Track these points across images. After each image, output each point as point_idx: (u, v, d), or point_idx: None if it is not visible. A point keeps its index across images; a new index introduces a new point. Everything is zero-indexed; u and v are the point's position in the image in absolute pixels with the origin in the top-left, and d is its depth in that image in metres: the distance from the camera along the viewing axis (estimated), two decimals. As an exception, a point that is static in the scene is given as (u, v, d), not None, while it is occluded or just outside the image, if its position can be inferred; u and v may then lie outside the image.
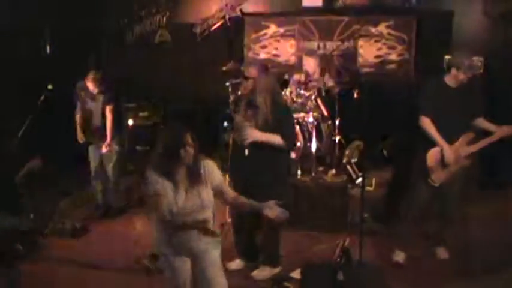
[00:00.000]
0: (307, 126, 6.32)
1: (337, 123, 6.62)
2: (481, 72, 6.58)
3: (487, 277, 4.64)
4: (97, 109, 6.12)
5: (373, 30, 7.53)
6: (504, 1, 6.88)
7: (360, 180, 5.84)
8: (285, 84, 6.70)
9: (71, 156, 6.67)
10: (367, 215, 5.55)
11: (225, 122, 6.99)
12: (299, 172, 6.14)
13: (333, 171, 6.23)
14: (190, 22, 8.17)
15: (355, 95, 6.68)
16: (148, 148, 7.26)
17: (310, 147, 6.27)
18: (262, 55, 8.02)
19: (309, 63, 6.96)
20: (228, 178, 4.69)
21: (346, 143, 6.68)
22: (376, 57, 7.59)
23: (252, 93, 4.58)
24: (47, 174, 5.93)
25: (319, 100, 6.64)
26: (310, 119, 6.33)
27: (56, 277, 4.91)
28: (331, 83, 6.85)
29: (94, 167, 6.29)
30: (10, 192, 5.56)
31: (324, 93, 6.74)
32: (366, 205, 4.86)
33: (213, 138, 7.16)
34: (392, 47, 7.52)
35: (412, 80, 7.36)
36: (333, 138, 6.64)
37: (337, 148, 6.62)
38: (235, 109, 4.80)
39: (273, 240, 4.87)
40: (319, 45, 7.74)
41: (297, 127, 6.01)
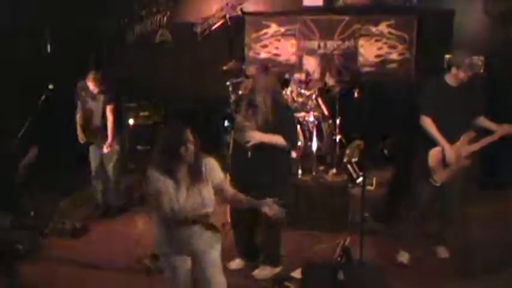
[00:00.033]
0: (308, 126, 6.32)
1: (338, 122, 6.61)
2: (482, 72, 6.57)
3: (487, 277, 4.63)
4: (98, 109, 6.12)
5: (373, 30, 7.51)
6: (505, 0, 6.87)
7: (361, 179, 5.84)
8: (285, 84, 6.68)
9: (71, 156, 6.68)
10: (367, 214, 5.55)
11: (225, 121, 6.99)
12: (300, 171, 6.14)
13: (334, 171, 6.23)
14: (190, 21, 8.14)
15: (356, 95, 6.66)
16: (148, 147, 7.25)
17: (311, 146, 6.27)
18: (263, 54, 8.00)
19: (310, 63, 6.94)
20: (228, 177, 4.69)
21: (347, 143, 6.67)
22: (377, 57, 7.58)
23: (252, 93, 4.58)
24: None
25: (319, 99, 6.63)
26: (311, 119, 6.33)
27: (56, 277, 4.91)
28: (331, 82, 6.83)
29: (94, 166, 6.29)
30: (10, 192, 5.58)
31: (324, 92, 6.73)
32: (367, 204, 4.86)
33: (214, 137, 7.15)
34: (393, 46, 7.50)
35: (413, 79, 7.34)
36: (334, 137, 6.63)
37: (337, 147, 6.61)
38: (236, 109, 4.79)
39: (273, 240, 4.87)
40: (319, 45, 7.72)
41: (298, 126, 6.01)
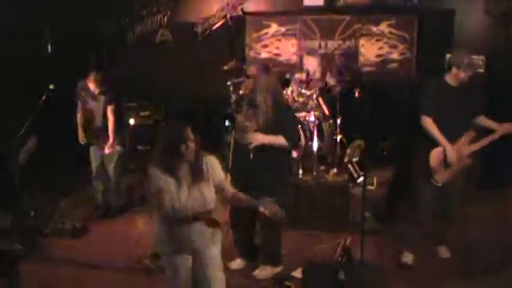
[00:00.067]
0: (309, 126, 6.32)
1: (339, 122, 6.61)
2: (483, 71, 6.56)
3: (487, 277, 4.63)
4: (98, 109, 6.12)
5: (374, 29, 7.50)
6: (506, 0, 6.86)
7: (362, 179, 5.81)
8: (286, 84, 6.68)
9: (71, 156, 6.68)
10: (368, 214, 5.54)
11: (226, 121, 6.98)
12: (300, 171, 6.14)
13: (335, 171, 6.23)
14: (191, 21, 8.15)
15: (357, 94, 6.66)
16: (149, 147, 7.24)
17: (312, 146, 6.27)
18: (264, 54, 7.99)
19: (310, 63, 6.93)
20: (229, 177, 4.68)
21: (348, 142, 6.66)
22: (378, 56, 7.56)
23: (252, 93, 4.57)
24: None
25: (320, 99, 6.63)
26: (312, 118, 6.33)
27: (56, 277, 4.90)
28: (332, 82, 6.83)
29: (95, 167, 6.29)
30: (10, 192, 5.57)
31: (325, 92, 6.73)
32: (368, 204, 4.86)
33: (214, 137, 7.15)
34: (393, 46, 7.49)
35: (414, 79, 7.33)
36: (335, 137, 6.63)
37: (338, 147, 6.61)
38: (237, 109, 4.78)
39: (274, 240, 4.86)
40: (320, 45, 7.71)
41: (299, 126, 6.00)
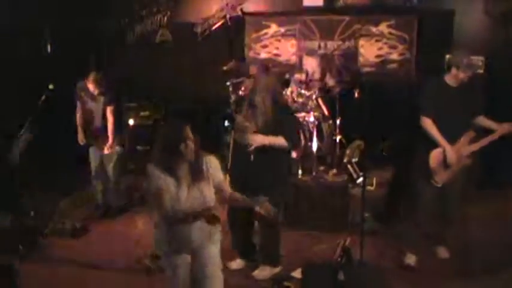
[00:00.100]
0: (308, 126, 6.32)
1: (338, 122, 6.61)
2: (482, 72, 6.57)
3: (486, 277, 4.63)
4: (98, 110, 6.11)
5: (374, 30, 7.51)
6: (505, 0, 6.86)
7: (361, 179, 5.83)
8: (286, 84, 6.69)
9: (71, 156, 6.68)
10: (368, 214, 5.54)
11: (225, 121, 6.98)
12: (300, 172, 6.14)
13: (334, 171, 6.24)
14: (191, 22, 8.14)
15: (356, 95, 6.66)
16: (148, 148, 7.24)
17: (311, 146, 6.27)
18: (263, 55, 7.99)
19: (310, 63, 6.94)
20: (228, 178, 4.68)
21: (347, 143, 6.66)
22: (377, 57, 7.56)
23: (252, 93, 4.57)
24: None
25: (320, 100, 6.63)
26: (311, 119, 6.33)
27: (56, 277, 4.91)
28: (332, 82, 6.84)
29: (94, 167, 6.28)
30: (10, 192, 5.57)
31: (324, 92, 6.73)
32: (367, 205, 4.86)
33: (214, 138, 7.15)
34: (393, 47, 7.49)
35: (413, 79, 7.33)
36: (334, 137, 6.63)
37: (338, 148, 6.61)
38: (236, 109, 4.78)
39: (273, 240, 4.86)
40: (320, 45, 7.71)
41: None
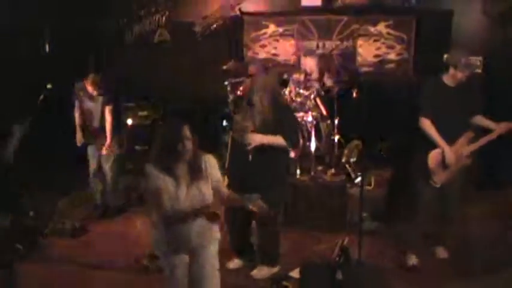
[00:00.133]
0: (307, 126, 6.33)
1: (336, 122, 6.62)
2: (480, 72, 6.58)
3: (486, 277, 4.64)
4: (96, 110, 6.11)
5: (372, 30, 7.51)
6: (503, 0, 6.86)
7: (359, 179, 5.84)
8: (284, 84, 6.69)
9: (70, 155, 6.68)
10: (366, 214, 5.55)
11: (224, 121, 6.98)
12: (298, 171, 6.15)
13: (332, 171, 6.25)
14: (189, 21, 8.14)
15: (354, 95, 6.67)
16: (147, 148, 7.24)
17: (310, 146, 6.27)
18: (262, 54, 7.99)
19: (308, 63, 6.94)
20: (226, 178, 4.69)
21: (345, 142, 6.67)
22: (375, 57, 7.57)
23: (250, 92, 4.58)
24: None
25: (318, 99, 6.64)
26: (310, 119, 6.33)
27: (55, 277, 4.91)
28: (330, 82, 6.83)
29: (93, 167, 6.29)
30: (10, 192, 5.57)
31: (323, 92, 6.74)
32: (365, 204, 4.86)
33: (212, 137, 7.15)
34: (391, 47, 7.50)
35: (411, 79, 7.32)
36: (332, 137, 6.64)
37: (336, 147, 6.62)
38: (235, 109, 4.79)
39: (271, 240, 4.87)
40: (318, 45, 7.71)
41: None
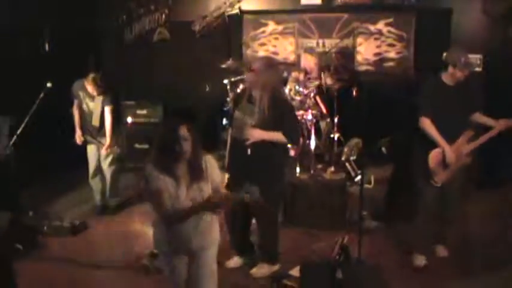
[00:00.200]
0: (306, 124, 6.34)
1: (336, 120, 6.63)
2: (480, 71, 6.58)
3: (486, 275, 4.64)
4: (96, 109, 6.10)
5: (372, 28, 7.52)
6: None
7: (359, 177, 5.84)
8: (284, 82, 6.69)
9: (69, 154, 6.67)
10: (366, 212, 5.56)
11: (224, 119, 6.99)
12: (298, 169, 6.14)
13: (332, 169, 6.24)
14: (189, 20, 8.15)
15: (354, 93, 6.68)
16: (146, 146, 7.25)
17: (309, 144, 6.28)
18: (261, 53, 7.98)
19: (308, 61, 6.95)
20: (226, 175, 4.69)
21: (345, 141, 6.68)
22: (375, 55, 7.58)
23: (251, 88, 4.57)
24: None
25: (318, 98, 6.65)
26: (309, 117, 6.34)
27: (55, 276, 4.91)
28: (330, 80, 6.84)
29: (92, 165, 6.29)
30: (9, 192, 5.57)
31: (322, 90, 6.74)
32: (365, 202, 4.86)
33: (212, 136, 7.16)
34: (391, 45, 7.50)
35: (411, 77, 7.33)
36: (332, 135, 6.65)
37: (336, 146, 6.63)
38: (235, 106, 4.78)
39: (271, 238, 4.87)
40: (318, 43, 7.72)
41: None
